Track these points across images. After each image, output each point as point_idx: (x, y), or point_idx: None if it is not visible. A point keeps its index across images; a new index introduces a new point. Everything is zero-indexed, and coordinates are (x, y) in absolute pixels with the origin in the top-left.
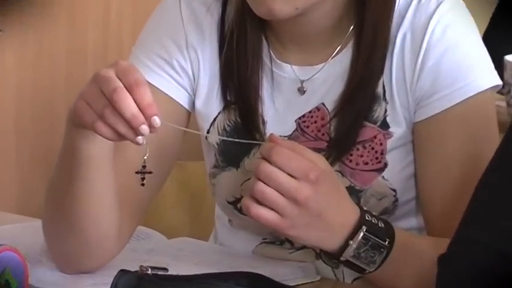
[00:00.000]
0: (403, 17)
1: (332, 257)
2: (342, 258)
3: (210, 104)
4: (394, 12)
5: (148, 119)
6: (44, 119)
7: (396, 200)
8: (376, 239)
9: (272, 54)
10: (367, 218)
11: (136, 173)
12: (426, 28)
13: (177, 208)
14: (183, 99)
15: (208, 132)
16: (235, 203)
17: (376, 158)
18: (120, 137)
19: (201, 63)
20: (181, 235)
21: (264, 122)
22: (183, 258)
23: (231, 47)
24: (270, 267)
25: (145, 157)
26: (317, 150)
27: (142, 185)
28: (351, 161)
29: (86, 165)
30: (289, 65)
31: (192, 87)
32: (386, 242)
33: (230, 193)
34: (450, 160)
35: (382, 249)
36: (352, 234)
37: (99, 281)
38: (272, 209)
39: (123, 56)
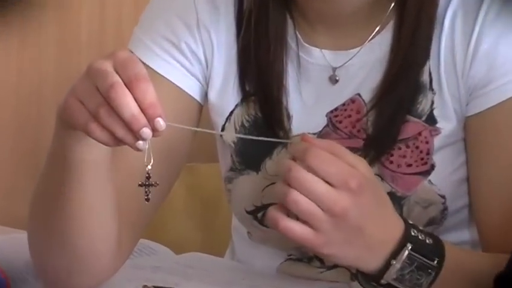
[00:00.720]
0: None
1: (371, 279)
2: (382, 281)
3: (225, 95)
4: None
5: (151, 121)
6: (29, 112)
7: (445, 208)
8: (423, 258)
9: (299, 36)
10: (412, 234)
11: (140, 185)
12: (480, 6)
13: (187, 218)
14: (193, 89)
15: (223, 129)
16: (255, 213)
17: (422, 159)
18: (117, 141)
19: (215, 47)
20: (191, 250)
21: (289, 117)
22: (194, 276)
23: (250, 28)
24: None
25: (149, 166)
26: (352, 149)
27: (147, 200)
28: (391, 162)
29: (79, 171)
30: (318, 50)
31: (204, 75)
32: (435, 262)
33: (249, 201)
34: (509, 161)
35: (429, 271)
36: (395, 253)
37: None
38: (304, 222)
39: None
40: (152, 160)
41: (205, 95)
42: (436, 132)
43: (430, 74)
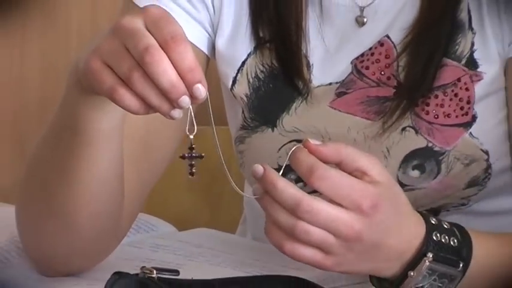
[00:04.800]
0: None
1: (387, 286)
2: None
3: (236, 43)
4: None
5: (189, 88)
6: (10, 83)
7: (489, 166)
8: (446, 266)
9: None
10: (434, 238)
11: (182, 157)
12: None
13: (192, 188)
14: (200, 39)
15: (234, 81)
16: None
17: (462, 108)
18: (149, 109)
19: None
20: (197, 225)
21: (308, 66)
22: (200, 256)
23: None
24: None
25: (191, 136)
26: (381, 98)
27: (191, 174)
28: (427, 112)
29: (92, 140)
30: None
31: (211, 23)
32: (460, 267)
33: (264, 162)
34: None
35: (452, 277)
36: (414, 264)
37: (86, 286)
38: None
39: None
40: (196, 129)
41: (212, 46)
42: (478, 78)
43: (469, 11)
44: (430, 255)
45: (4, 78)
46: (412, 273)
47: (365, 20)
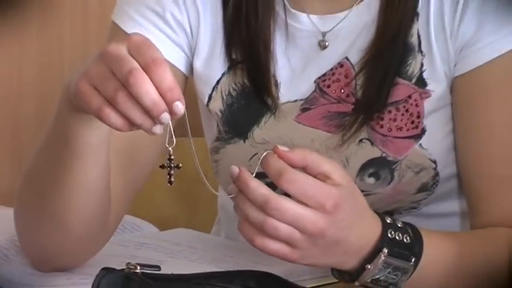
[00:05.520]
0: None
1: (346, 278)
2: (356, 283)
3: (212, 64)
4: None
5: (169, 105)
6: (9, 93)
7: (437, 174)
8: (399, 260)
9: (286, 2)
10: (389, 236)
11: (161, 167)
12: None
13: (172, 193)
14: (179, 60)
15: (210, 98)
16: None
17: (412, 122)
18: (133, 126)
19: (201, 16)
20: (177, 226)
21: (277, 84)
22: (179, 253)
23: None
24: (285, 264)
25: (170, 148)
26: (341, 114)
27: (170, 183)
28: (382, 126)
29: (82, 152)
30: (306, 15)
31: (189, 46)
32: (412, 262)
33: None
34: (496, 125)
35: (405, 270)
36: (371, 258)
37: (78, 280)
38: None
39: None
40: (175, 141)
41: (190, 66)
42: (427, 95)
43: (418, 36)
44: (385, 250)
45: (4, 83)
46: (369, 266)
47: (327, 43)
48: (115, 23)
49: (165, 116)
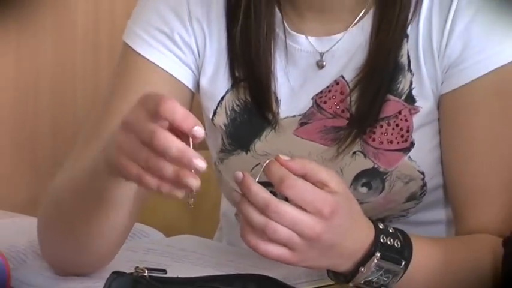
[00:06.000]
0: None
1: (341, 279)
2: (350, 284)
3: (217, 81)
4: None
5: (190, 132)
6: (27, 111)
7: (424, 184)
8: (390, 263)
9: (286, 25)
10: (381, 241)
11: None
12: None
13: (177, 202)
14: (186, 78)
15: (215, 113)
16: None
17: (402, 136)
18: (171, 185)
19: (207, 37)
20: (181, 232)
21: (277, 101)
22: (184, 258)
23: (239, 20)
24: (283, 268)
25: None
26: (336, 128)
27: (191, 204)
28: (374, 139)
29: (115, 205)
30: (304, 37)
31: (196, 65)
32: (402, 265)
33: None
34: (479, 141)
35: (395, 272)
36: (364, 261)
37: (91, 284)
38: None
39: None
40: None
41: (197, 83)
42: (415, 111)
43: (408, 56)
44: (377, 254)
45: (21, 104)
46: (362, 269)
47: (324, 63)
48: (126, 44)
49: (199, 162)
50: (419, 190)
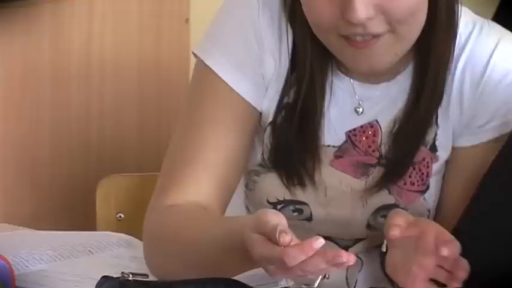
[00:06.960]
0: (462, 49)
1: None
2: None
3: (272, 104)
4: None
5: (335, 258)
6: (30, 127)
7: (428, 217)
8: None
9: (334, 65)
10: None
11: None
12: (487, 65)
13: None
14: (259, 104)
15: (265, 130)
16: (276, 204)
17: (422, 180)
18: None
19: (275, 71)
20: None
21: (321, 130)
22: None
23: (298, 64)
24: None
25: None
26: (367, 165)
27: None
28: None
29: (240, 267)
30: (349, 78)
31: (264, 90)
32: None
33: (274, 194)
34: (464, 186)
35: None
36: None
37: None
38: None
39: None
40: None
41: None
42: (436, 160)
43: (437, 112)
44: None
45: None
46: None
47: (361, 110)
48: (202, 61)
49: (344, 257)
50: None
